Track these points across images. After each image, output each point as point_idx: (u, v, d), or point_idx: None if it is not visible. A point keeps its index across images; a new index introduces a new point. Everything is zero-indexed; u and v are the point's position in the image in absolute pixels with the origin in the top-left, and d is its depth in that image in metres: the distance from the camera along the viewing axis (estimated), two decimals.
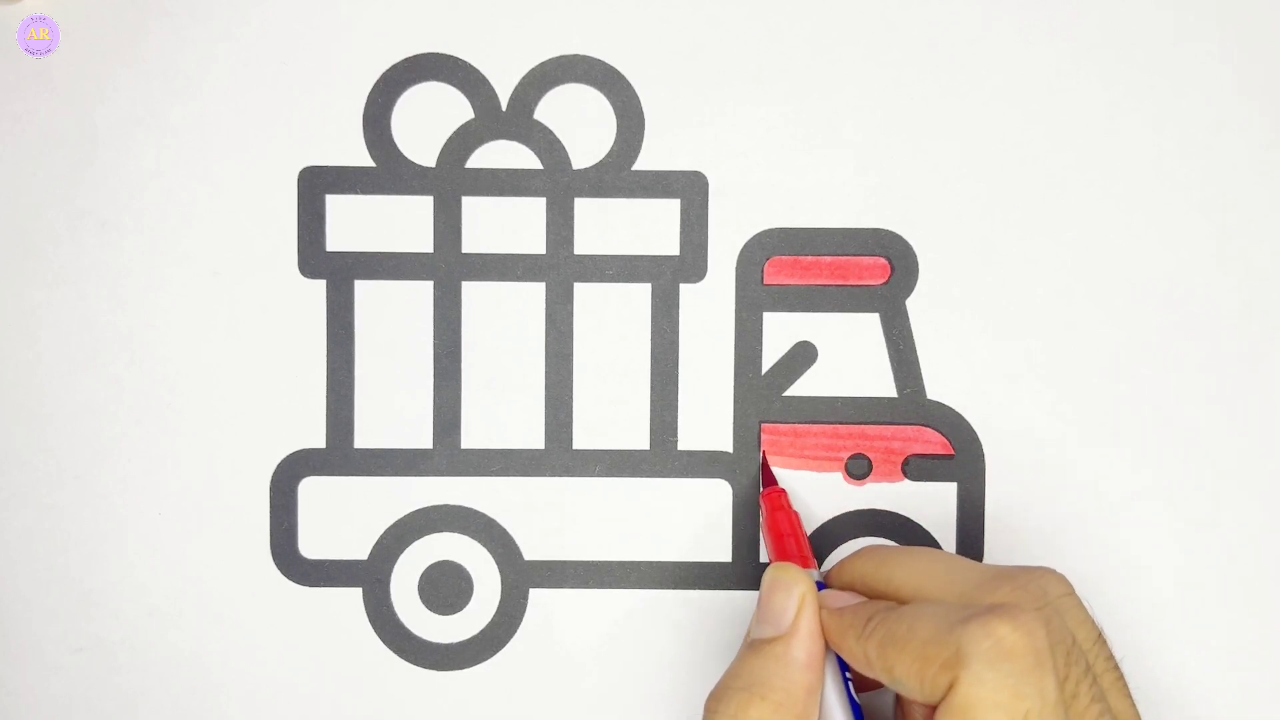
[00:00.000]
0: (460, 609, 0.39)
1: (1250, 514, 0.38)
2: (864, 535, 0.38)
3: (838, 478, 0.38)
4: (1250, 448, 0.38)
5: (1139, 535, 0.38)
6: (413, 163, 0.38)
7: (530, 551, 0.39)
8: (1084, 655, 0.30)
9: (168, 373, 0.38)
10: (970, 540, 0.38)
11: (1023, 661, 0.28)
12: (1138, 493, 0.38)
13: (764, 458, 0.38)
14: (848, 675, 0.32)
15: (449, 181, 0.38)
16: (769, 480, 0.37)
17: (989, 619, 0.28)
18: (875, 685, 0.33)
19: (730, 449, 0.38)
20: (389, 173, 0.38)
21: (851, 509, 0.38)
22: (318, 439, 0.38)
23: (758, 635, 0.32)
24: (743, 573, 0.38)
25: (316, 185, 0.38)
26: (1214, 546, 0.38)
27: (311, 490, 0.38)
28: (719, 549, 0.38)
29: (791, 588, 0.32)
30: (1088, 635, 0.31)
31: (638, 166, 0.38)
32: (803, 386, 0.38)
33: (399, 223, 0.38)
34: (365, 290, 0.38)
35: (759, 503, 0.37)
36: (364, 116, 0.38)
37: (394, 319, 0.38)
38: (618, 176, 0.38)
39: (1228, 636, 0.38)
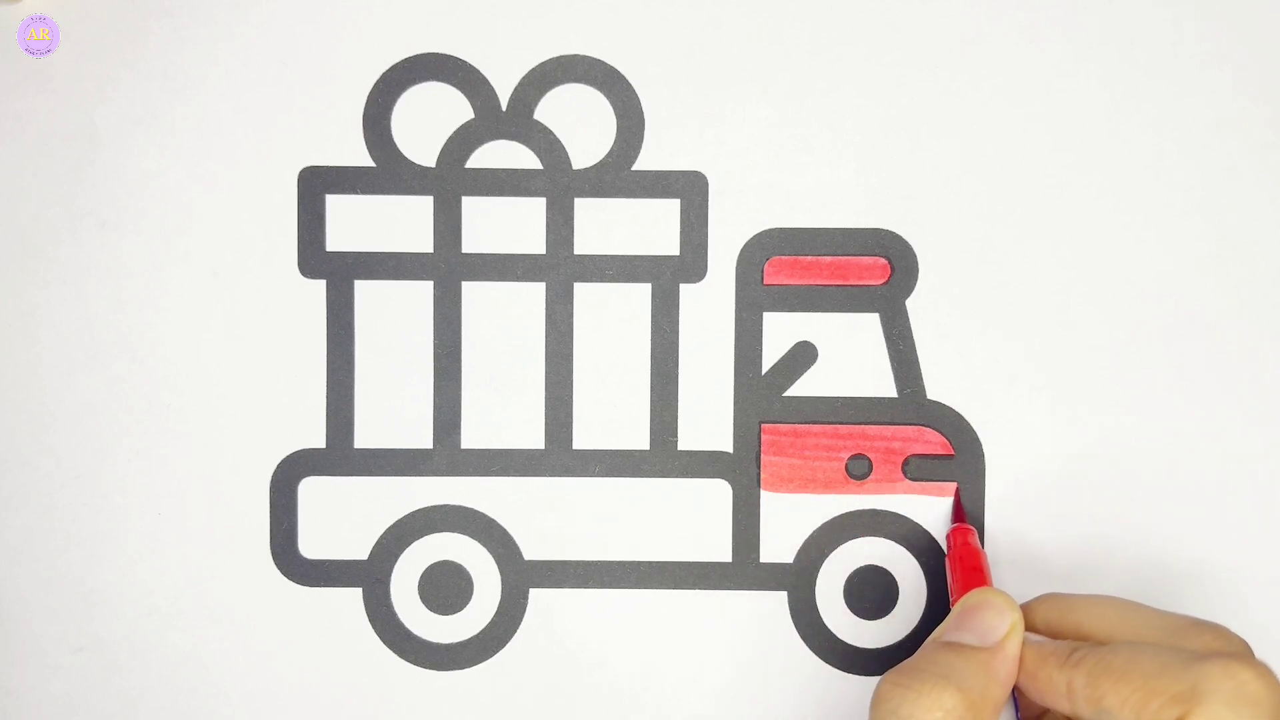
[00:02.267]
0: (460, 609, 0.39)
1: (1250, 514, 0.38)
2: (864, 535, 0.38)
3: (838, 478, 0.38)
4: (1250, 447, 0.38)
5: (1139, 535, 0.38)
6: (413, 163, 0.38)
7: (530, 551, 0.39)
8: None
9: (168, 373, 0.38)
10: None
11: (1263, 709, 0.29)
12: (1138, 492, 0.38)
13: (957, 494, 0.38)
14: (1019, 717, 0.33)
15: (449, 181, 0.38)
16: (959, 516, 0.38)
17: (1230, 662, 0.29)
18: None
19: (730, 449, 0.38)
20: (389, 173, 0.38)
21: (851, 509, 0.38)
22: (318, 439, 0.38)
23: (956, 639, 0.33)
24: (743, 573, 0.38)
25: (316, 185, 0.38)
26: (1214, 546, 0.38)
27: (311, 490, 0.38)
28: (719, 549, 0.38)
29: (1005, 611, 0.33)
30: None
31: (638, 166, 0.38)
32: (803, 386, 0.38)
33: (399, 223, 0.38)
34: (365, 290, 0.38)
35: (947, 537, 0.37)
36: (364, 116, 0.38)
37: (394, 319, 0.38)
38: (618, 176, 0.38)
39: None
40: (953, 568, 0.36)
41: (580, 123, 0.38)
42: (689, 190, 0.38)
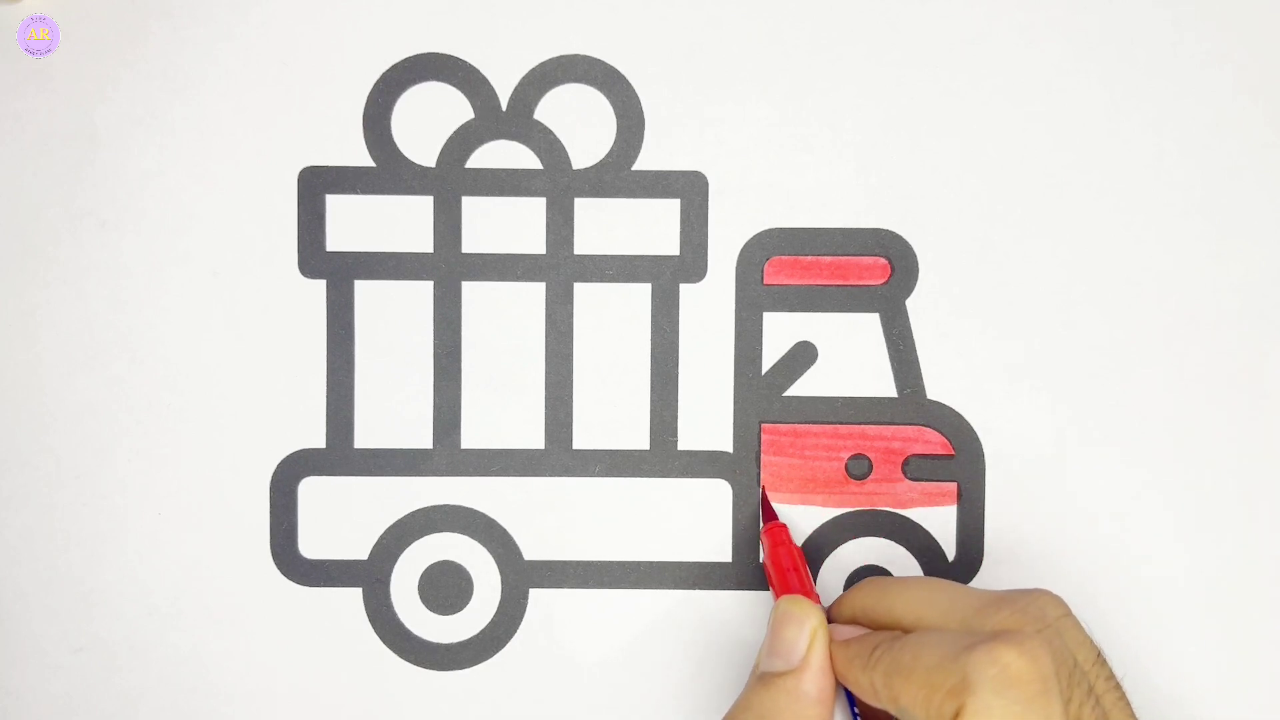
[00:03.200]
0: (460, 609, 0.39)
1: (1249, 513, 0.38)
2: (864, 535, 0.38)
3: (838, 478, 0.38)
4: (1249, 447, 0.38)
5: (1139, 535, 0.38)
6: (413, 163, 0.38)
7: (530, 551, 0.39)
8: (1085, 676, 0.30)
9: (168, 373, 0.38)
10: (970, 540, 0.38)
11: (1029, 688, 0.28)
12: (1137, 492, 0.38)
13: (763, 492, 0.38)
14: (855, 710, 0.33)
15: (449, 181, 0.38)
16: (769, 515, 0.38)
17: (994, 645, 0.29)
18: (884, 717, 0.33)
19: (730, 449, 0.38)
20: (389, 173, 0.38)
21: (851, 509, 0.38)
22: (318, 439, 0.38)
23: (768, 668, 0.33)
24: (743, 573, 0.38)
25: (316, 185, 0.38)
26: (1214, 546, 0.38)
27: (311, 490, 0.38)
28: (719, 549, 0.38)
29: (803, 621, 0.33)
30: (1087, 656, 0.31)
31: (638, 166, 0.38)
32: (803, 386, 0.38)
33: (399, 223, 0.38)
34: (365, 290, 0.38)
35: (760, 538, 0.37)
36: (364, 116, 0.38)
37: (394, 319, 0.38)
38: (618, 176, 0.38)
39: (1227, 636, 0.38)
40: (769, 571, 0.36)
41: (580, 123, 0.38)
42: (689, 190, 0.38)
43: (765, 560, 0.36)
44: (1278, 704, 0.38)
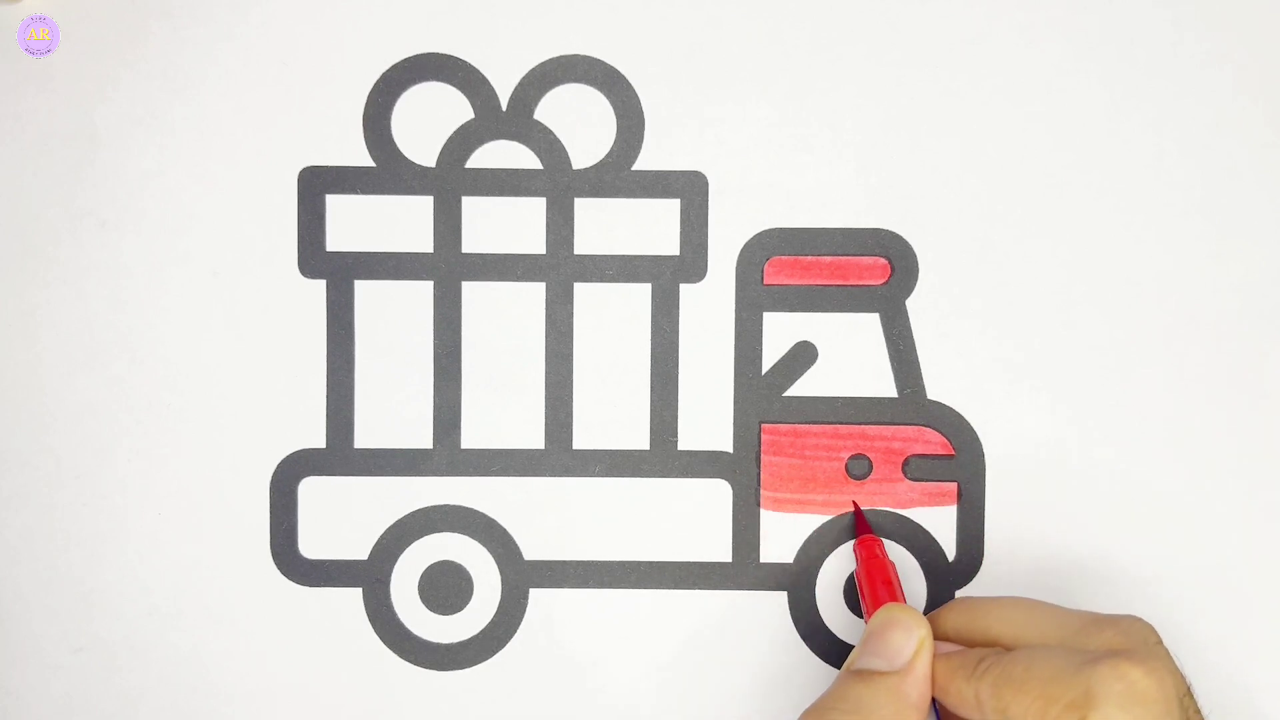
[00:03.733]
0: (460, 609, 0.39)
1: (1250, 513, 0.38)
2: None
3: (838, 478, 0.38)
4: (1249, 447, 0.38)
5: (1139, 535, 0.38)
6: (413, 163, 0.38)
7: (530, 551, 0.39)
8: (1184, 706, 0.30)
9: (168, 373, 0.38)
10: (970, 540, 0.38)
11: (1155, 706, 0.29)
12: (1137, 492, 0.38)
13: (856, 507, 0.38)
14: None
15: (449, 181, 0.38)
16: (863, 528, 0.38)
17: (1119, 662, 0.29)
18: None
19: (730, 449, 0.38)
20: (389, 173, 0.38)
21: (852, 509, 0.38)
22: (318, 439, 0.38)
23: (866, 666, 0.33)
24: (743, 573, 0.38)
25: (316, 185, 0.38)
26: (1214, 546, 0.38)
27: (311, 490, 0.38)
28: (719, 549, 0.38)
29: (912, 629, 0.33)
30: (1182, 685, 0.31)
31: (638, 166, 0.38)
32: (803, 386, 0.38)
33: (399, 223, 0.38)
34: (365, 290, 0.38)
35: (854, 550, 0.38)
36: (364, 116, 0.38)
37: (394, 319, 0.38)
38: (618, 176, 0.38)
39: (1227, 637, 0.38)
40: (861, 582, 0.36)
41: (580, 123, 0.38)
42: (689, 190, 0.38)
43: (859, 572, 0.37)
44: (1273, 698, 0.38)
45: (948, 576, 0.38)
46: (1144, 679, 0.29)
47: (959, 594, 0.38)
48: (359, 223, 0.38)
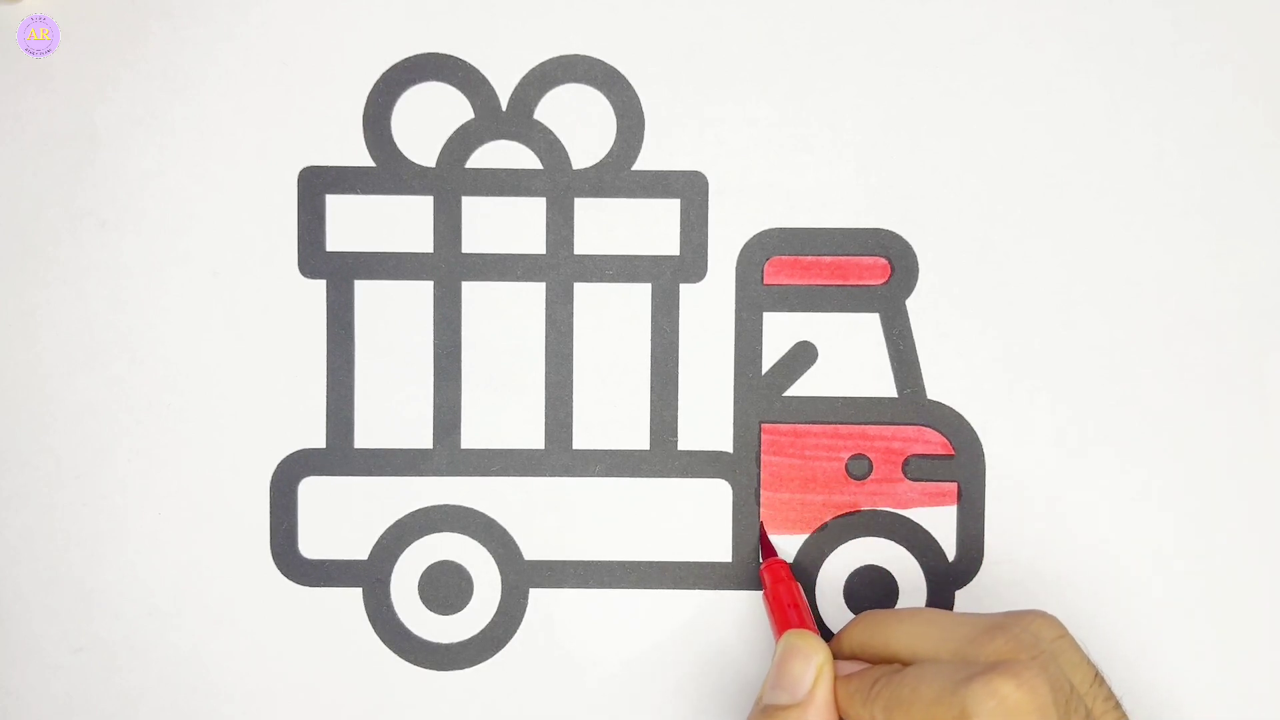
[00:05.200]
0: (460, 609, 0.39)
1: (1250, 513, 0.38)
2: (864, 535, 0.38)
3: (838, 478, 0.38)
4: (1249, 447, 0.38)
5: (1139, 535, 0.38)
6: (413, 163, 0.38)
7: (530, 551, 0.39)
8: (1083, 701, 0.30)
9: (168, 373, 0.38)
10: (970, 540, 0.38)
11: (1028, 719, 0.29)
12: (1137, 493, 0.38)
13: (761, 528, 0.38)
14: None
15: (449, 181, 0.38)
16: (769, 551, 0.38)
17: (991, 677, 0.29)
18: None
19: (730, 449, 0.38)
20: (389, 173, 0.38)
21: (851, 509, 0.38)
22: (318, 439, 0.38)
23: (772, 700, 0.33)
24: (743, 573, 0.38)
25: (316, 185, 0.38)
26: (1214, 547, 0.38)
27: (311, 490, 0.38)
28: (719, 549, 0.38)
29: (810, 656, 0.33)
30: (1084, 678, 0.31)
31: (638, 166, 0.38)
32: (803, 386, 0.38)
33: (399, 223, 0.38)
34: (365, 290, 0.38)
35: (759, 575, 0.38)
36: (364, 116, 0.38)
37: (394, 319, 0.38)
38: (618, 176, 0.38)
39: (1225, 636, 0.38)
40: (769, 608, 0.36)
41: (580, 123, 0.38)
42: (689, 190, 0.38)
43: (765, 596, 0.37)
44: (1277, 707, 0.38)
45: (948, 577, 0.38)
46: (1015, 692, 0.29)
47: (959, 594, 0.38)
48: (359, 223, 0.38)
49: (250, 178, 0.38)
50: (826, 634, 0.38)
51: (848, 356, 0.38)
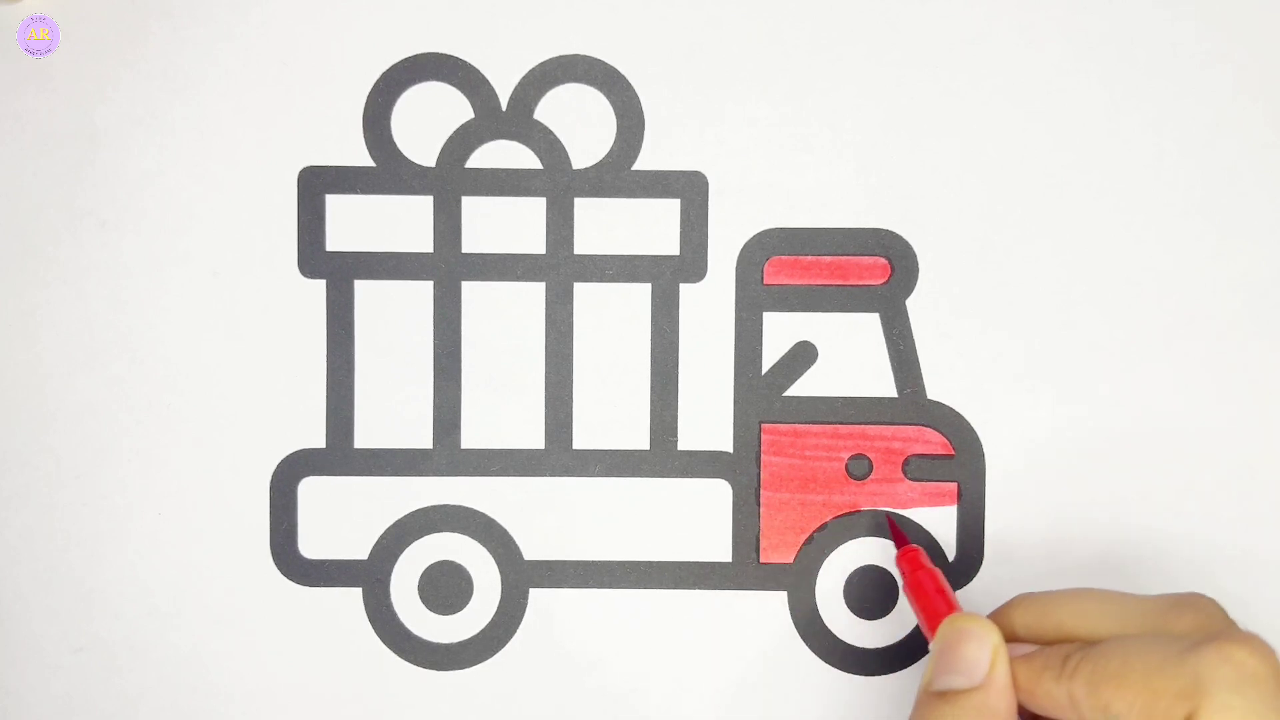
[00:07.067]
0: (460, 609, 0.39)
1: (1249, 513, 0.38)
2: (864, 535, 0.38)
3: (838, 478, 0.38)
4: (1249, 447, 0.38)
5: (1139, 535, 0.38)
6: (413, 163, 0.38)
7: (530, 551, 0.39)
8: None
9: (168, 373, 0.38)
10: (970, 540, 0.38)
11: (1267, 686, 0.28)
12: (1137, 492, 0.38)
13: (889, 519, 0.38)
14: None
15: (449, 181, 0.38)
16: (900, 539, 0.37)
17: (1223, 644, 0.28)
18: None
19: (730, 449, 0.38)
20: (389, 173, 0.38)
21: (851, 509, 0.38)
22: (318, 439, 0.38)
23: (946, 686, 0.32)
24: (743, 573, 0.38)
25: (316, 185, 0.38)
26: (1214, 546, 0.38)
27: (311, 490, 0.38)
28: (719, 549, 0.38)
29: (984, 638, 0.32)
30: None
31: (638, 166, 0.38)
32: (803, 386, 0.38)
33: (399, 223, 0.38)
34: (365, 290, 0.38)
35: (896, 563, 0.37)
36: (364, 116, 0.38)
37: (394, 319, 0.38)
38: (618, 176, 0.38)
39: None
40: (914, 596, 0.36)
41: (580, 123, 0.38)
42: (689, 190, 0.38)
43: (907, 586, 0.36)
44: None
45: (948, 576, 0.38)
46: (1250, 658, 0.28)
47: (959, 595, 0.38)
48: (359, 223, 0.38)
49: (250, 178, 0.38)
50: (830, 636, 0.38)
51: (848, 356, 0.38)
